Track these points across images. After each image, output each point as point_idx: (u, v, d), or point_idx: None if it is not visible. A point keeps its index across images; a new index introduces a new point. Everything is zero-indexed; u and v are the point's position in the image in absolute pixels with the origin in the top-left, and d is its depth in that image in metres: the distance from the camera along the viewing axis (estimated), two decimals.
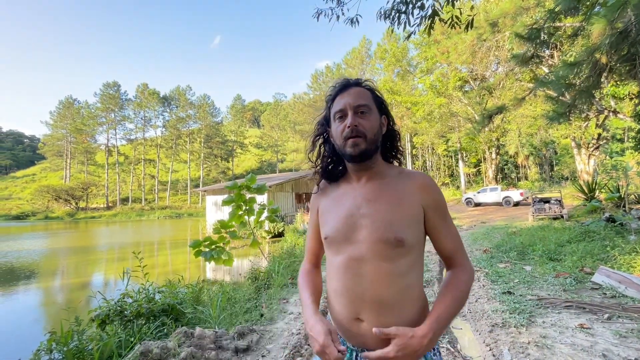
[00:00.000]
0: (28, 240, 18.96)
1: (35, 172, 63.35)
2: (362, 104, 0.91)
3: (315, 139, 1.06)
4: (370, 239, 0.86)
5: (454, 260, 0.94)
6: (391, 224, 0.86)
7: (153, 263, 11.24)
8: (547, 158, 32.32)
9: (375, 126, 0.92)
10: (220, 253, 4.73)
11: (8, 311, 6.65)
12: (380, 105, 0.98)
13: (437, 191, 0.93)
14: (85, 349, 2.44)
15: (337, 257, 0.91)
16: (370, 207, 0.90)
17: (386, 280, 0.84)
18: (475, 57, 17.38)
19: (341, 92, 0.95)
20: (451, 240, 0.93)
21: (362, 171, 0.96)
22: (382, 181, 0.95)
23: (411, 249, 0.87)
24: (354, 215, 0.90)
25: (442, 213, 0.93)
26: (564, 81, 4.72)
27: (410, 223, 0.88)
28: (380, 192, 0.92)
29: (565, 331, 2.77)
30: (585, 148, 17.24)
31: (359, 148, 0.89)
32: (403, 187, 0.92)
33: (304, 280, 1.06)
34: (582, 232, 7.02)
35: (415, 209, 0.89)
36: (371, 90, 0.97)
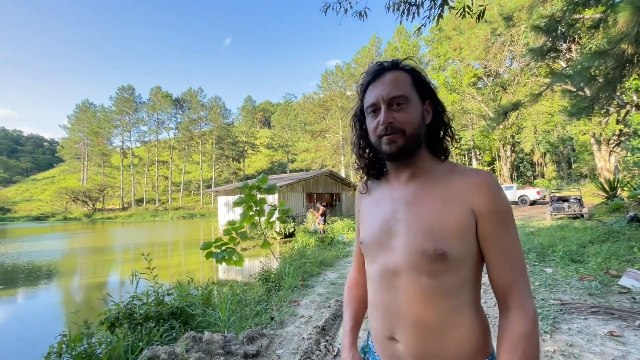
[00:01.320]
0: (49, 240, 19.53)
1: (54, 174, 65.47)
2: (397, 95, 0.76)
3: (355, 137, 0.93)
4: (405, 249, 0.74)
5: (509, 295, 0.71)
6: (431, 232, 0.71)
7: (167, 263, 11.37)
8: (564, 155, 31.37)
9: (415, 119, 0.77)
10: (231, 254, 4.71)
11: (31, 310, 6.83)
12: (424, 90, 0.81)
13: (496, 194, 0.73)
14: (94, 353, 2.41)
15: (373, 266, 0.82)
16: (408, 211, 0.77)
17: (426, 298, 0.71)
18: (488, 52, 16.98)
19: (374, 80, 0.80)
20: (510, 266, 0.71)
21: (403, 168, 0.82)
22: (427, 180, 0.80)
23: (459, 263, 0.71)
24: (390, 220, 0.79)
25: (501, 224, 0.72)
26: (586, 73, 4.49)
27: (458, 233, 0.71)
28: (423, 194, 0.78)
29: (593, 339, 2.60)
30: (605, 144, 16.60)
31: (396, 145, 0.76)
32: (452, 188, 0.75)
33: (348, 297, 0.98)
34: (605, 232, 6.72)
35: (465, 215, 0.72)
36: (411, 72, 0.81)
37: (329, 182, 21.67)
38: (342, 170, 39.59)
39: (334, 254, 7.59)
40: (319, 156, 43.74)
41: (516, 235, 0.73)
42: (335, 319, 3.51)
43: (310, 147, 46.83)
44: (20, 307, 7.05)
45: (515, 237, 0.73)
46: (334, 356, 2.70)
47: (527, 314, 0.69)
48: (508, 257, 0.72)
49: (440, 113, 0.84)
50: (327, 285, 4.93)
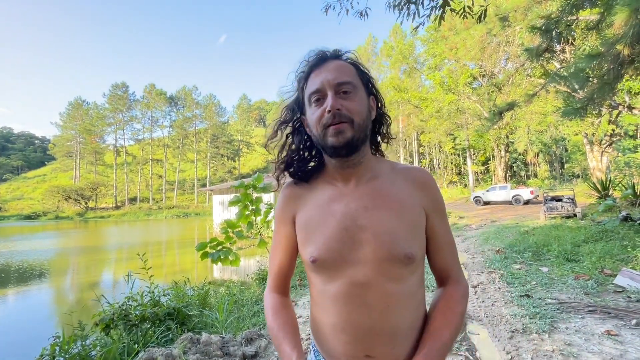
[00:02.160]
0: (40, 239, 19.23)
1: (45, 172, 64.48)
2: (344, 81, 0.71)
3: (280, 127, 0.83)
4: (375, 258, 0.68)
5: (450, 275, 0.78)
6: (398, 236, 0.69)
7: (161, 263, 11.27)
8: (557, 155, 31.73)
9: (363, 109, 0.72)
10: (227, 254, 4.66)
11: (23, 310, 6.71)
12: (367, 83, 0.77)
13: (437, 189, 0.77)
14: (88, 355, 2.36)
15: (333, 285, 0.71)
16: (369, 216, 0.71)
17: (398, 305, 0.69)
18: (484, 52, 17.08)
19: (316, 67, 0.74)
20: (449, 251, 0.77)
21: (350, 168, 0.75)
22: (376, 181, 0.76)
23: (419, 263, 0.73)
24: (350, 228, 0.70)
25: (441, 216, 0.77)
26: (582, 74, 4.52)
27: (417, 233, 0.72)
28: (379, 197, 0.73)
29: (591, 338, 2.61)
30: (597, 145, 16.81)
31: (344, 137, 0.69)
32: (402, 188, 0.74)
33: (278, 322, 0.77)
34: (599, 232, 6.80)
35: (418, 214, 0.73)
36: (355, 65, 0.76)
37: None
38: None
39: None
40: None
41: (448, 223, 0.80)
42: None
43: None
44: (12, 307, 6.92)
45: (448, 225, 0.79)
46: None
47: (462, 285, 0.77)
48: (448, 245, 0.78)
49: (382, 109, 0.82)
50: None
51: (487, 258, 5.94)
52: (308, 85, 0.75)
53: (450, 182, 34.63)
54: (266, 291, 0.87)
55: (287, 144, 0.83)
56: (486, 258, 5.95)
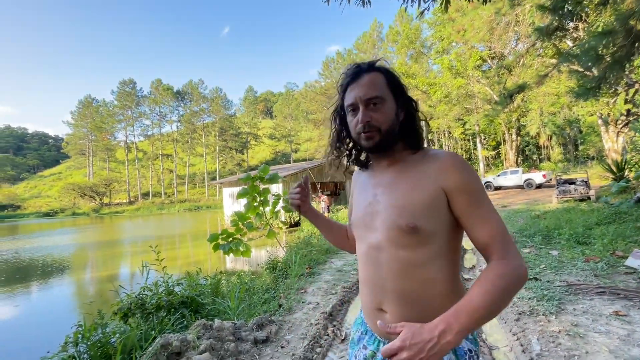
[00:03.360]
0: (60, 235, 19.91)
1: (60, 170, 66.17)
2: (373, 96, 0.85)
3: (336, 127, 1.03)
4: (384, 226, 0.84)
5: (492, 251, 0.76)
6: (403, 209, 0.81)
7: (175, 255, 11.57)
8: (571, 137, 30.89)
9: (389, 117, 0.87)
10: (238, 245, 4.77)
11: (48, 301, 7.04)
12: (397, 90, 0.90)
13: (463, 170, 0.80)
14: (108, 342, 2.49)
15: (360, 245, 0.93)
16: (385, 193, 0.88)
17: (405, 270, 0.81)
18: (493, 33, 16.58)
19: (352, 81, 0.89)
20: (487, 228, 0.77)
21: (382, 159, 0.94)
22: (402, 167, 0.89)
23: (431, 237, 0.79)
24: (372, 202, 0.90)
25: (473, 196, 0.79)
26: (593, 52, 4.37)
27: (427, 209, 0.79)
28: (398, 178, 0.88)
29: (598, 319, 2.62)
30: (613, 125, 16.29)
31: (374, 141, 0.86)
32: (423, 171, 0.84)
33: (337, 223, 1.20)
34: (612, 214, 6.67)
35: (433, 193, 0.80)
36: (386, 74, 0.90)
37: (332, 171, 21.61)
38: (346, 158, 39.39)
39: None
40: (323, 145, 43.35)
41: (490, 205, 0.80)
42: (342, 305, 3.57)
43: (313, 136, 46.64)
44: (38, 298, 7.26)
45: (490, 206, 0.79)
46: (341, 340, 2.76)
47: (509, 263, 0.72)
48: (485, 222, 0.77)
49: (413, 110, 0.92)
50: (334, 273, 4.99)
51: None
52: (346, 98, 0.91)
53: None
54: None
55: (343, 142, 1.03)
56: None
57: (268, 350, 2.62)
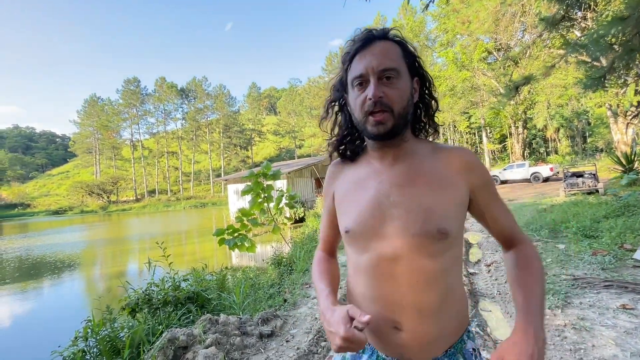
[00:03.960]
0: (70, 233, 20.26)
1: (68, 169, 67.08)
2: (389, 67, 0.70)
3: (329, 105, 0.86)
4: (406, 233, 0.69)
5: (513, 237, 0.79)
6: (432, 212, 0.69)
7: (182, 251, 11.71)
8: (579, 130, 30.43)
9: (405, 96, 0.72)
10: (243, 240, 4.81)
11: (59, 297, 7.19)
12: (413, 64, 0.76)
13: (483, 167, 0.78)
14: (117, 336, 2.54)
15: (363, 256, 0.75)
16: (403, 193, 0.72)
17: (428, 281, 0.70)
18: (498, 25, 16.31)
19: (362, 48, 0.73)
20: (509, 218, 0.80)
21: (387, 149, 0.77)
22: (414, 161, 0.76)
23: (455, 241, 0.72)
24: (383, 204, 0.73)
25: (493, 191, 0.78)
26: (603, 42, 4.27)
27: (456, 210, 0.72)
28: (415, 175, 0.74)
29: (605, 312, 2.60)
30: (622, 116, 15.99)
31: (385, 127, 0.71)
32: (442, 166, 0.75)
33: (320, 269, 0.87)
34: (621, 207, 6.57)
35: (461, 193, 0.73)
36: (401, 44, 0.75)
37: None
38: None
39: None
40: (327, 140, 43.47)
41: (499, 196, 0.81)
42: (346, 299, 3.59)
43: (318, 132, 46.56)
44: (50, 294, 7.42)
45: (500, 198, 0.80)
46: None
47: (530, 243, 0.79)
48: (505, 214, 0.79)
49: (429, 91, 0.80)
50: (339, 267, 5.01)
51: None
52: (352, 68, 0.74)
53: None
54: (317, 249, 0.97)
55: (338, 123, 0.87)
56: None
57: (273, 344, 2.64)
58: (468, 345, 0.77)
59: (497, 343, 2.41)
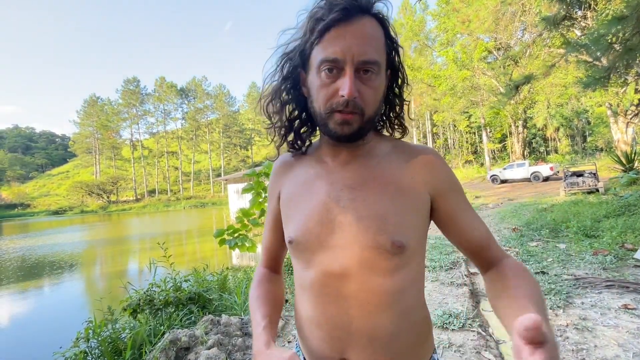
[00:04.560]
0: (71, 233, 20.27)
1: (68, 169, 67.07)
2: (371, 59, 0.56)
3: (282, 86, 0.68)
4: (356, 245, 0.59)
5: (491, 252, 0.65)
6: (385, 220, 0.59)
7: (182, 251, 11.71)
8: (579, 129, 30.43)
9: (378, 96, 0.61)
10: (244, 240, 4.81)
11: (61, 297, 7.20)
12: (391, 54, 0.64)
13: (447, 169, 0.66)
14: (119, 337, 2.54)
15: (309, 271, 0.63)
16: (354, 197, 0.61)
17: (380, 303, 0.59)
18: (498, 24, 16.30)
19: (341, 22, 0.56)
20: (482, 229, 0.66)
21: (342, 147, 0.66)
22: (371, 160, 0.66)
23: (414, 255, 0.62)
24: (331, 210, 0.61)
25: (460, 196, 0.66)
26: (604, 41, 4.27)
27: (413, 219, 0.61)
28: (369, 176, 0.63)
29: (607, 312, 2.60)
30: (622, 116, 15.99)
31: (351, 128, 0.59)
32: (400, 168, 0.64)
33: (257, 293, 0.71)
34: (621, 206, 6.58)
35: (420, 199, 0.63)
36: (385, 27, 0.61)
37: None
38: None
39: None
40: None
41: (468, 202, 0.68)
42: None
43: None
44: (52, 294, 7.42)
45: (469, 204, 0.68)
46: None
47: (516, 260, 0.63)
48: (477, 225, 0.65)
49: (397, 86, 0.69)
50: None
51: (502, 237, 5.88)
52: (323, 44, 0.57)
53: (466, 161, 33.94)
54: (257, 266, 0.82)
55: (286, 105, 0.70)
56: (502, 237, 5.89)
57: None
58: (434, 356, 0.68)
59: (499, 343, 2.41)
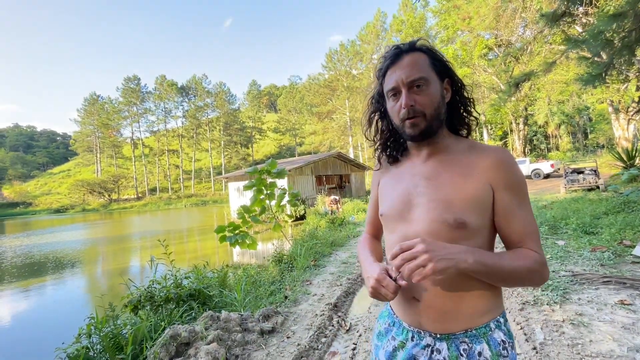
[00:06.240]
0: (73, 231, 20.33)
1: (69, 167, 67.12)
2: (416, 78, 0.79)
3: (371, 116, 0.98)
4: (426, 218, 0.80)
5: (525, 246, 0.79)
6: (451, 204, 0.78)
7: (183, 249, 11.76)
8: (580, 126, 30.34)
9: (435, 100, 0.81)
10: (244, 237, 4.83)
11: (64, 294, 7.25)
12: (442, 68, 0.85)
13: (513, 170, 0.80)
14: (120, 333, 2.57)
15: (392, 236, 0.89)
16: (428, 185, 0.83)
17: None
18: (499, 21, 16.21)
19: (392, 64, 0.84)
20: (526, 226, 0.79)
21: (423, 147, 0.88)
22: (446, 157, 0.85)
23: (476, 233, 0.78)
24: (411, 193, 0.85)
25: (517, 196, 0.79)
26: (602, 38, 4.26)
27: (476, 205, 0.78)
28: (442, 170, 0.83)
29: (603, 308, 2.62)
30: (624, 112, 15.94)
31: (419, 128, 0.81)
32: (470, 164, 0.81)
33: (364, 244, 1.02)
34: (621, 203, 6.59)
35: (482, 189, 0.78)
36: (428, 53, 0.85)
37: (337, 164, 21.63)
38: (351, 151, 39.33)
39: (344, 234, 7.69)
40: (327, 138, 43.43)
41: (530, 208, 0.81)
42: (347, 296, 3.61)
43: (318, 130, 46.49)
44: (53, 291, 7.47)
45: (530, 209, 0.80)
46: (346, 331, 2.80)
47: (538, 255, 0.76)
48: (523, 220, 0.79)
49: (459, 90, 0.88)
50: (339, 265, 5.03)
51: None
52: (386, 82, 0.85)
53: None
54: (363, 232, 1.11)
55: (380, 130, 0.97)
56: None
57: (274, 340, 2.67)
58: (496, 335, 0.79)
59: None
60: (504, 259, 0.73)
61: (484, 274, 0.72)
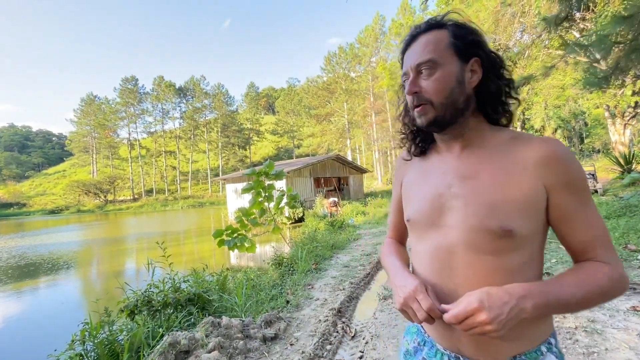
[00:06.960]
0: (68, 232, 20.05)
1: (65, 168, 66.56)
2: (423, 60, 0.69)
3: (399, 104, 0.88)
4: (463, 226, 0.67)
5: (594, 255, 0.66)
6: (494, 208, 0.65)
7: (180, 251, 11.59)
8: (576, 130, 30.56)
9: (445, 85, 0.68)
10: (243, 241, 4.73)
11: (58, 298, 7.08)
12: (466, 47, 0.70)
13: (569, 165, 0.65)
14: (116, 340, 2.46)
15: (421, 245, 0.76)
16: (465, 185, 0.70)
17: (487, 278, 0.65)
18: (498, 25, 16.28)
19: (408, 47, 0.74)
20: (592, 232, 0.66)
21: (451, 140, 0.75)
22: (484, 151, 0.72)
23: (525, 242, 0.65)
24: (444, 195, 0.72)
25: (578, 195, 0.65)
26: (607, 41, 4.24)
27: (525, 209, 0.64)
28: (481, 166, 0.70)
29: (616, 314, 2.55)
30: (620, 117, 16.05)
31: (427, 118, 0.70)
32: (516, 159, 0.67)
33: (389, 250, 0.89)
34: (622, 207, 6.56)
35: (533, 189, 0.65)
36: (451, 29, 0.71)
37: (336, 166, 21.59)
38: (349, 153, 39.35)
39: (344, 237, 7.61)
40: (325, 140, 43.42)
41: (594, 206, 0.67)
42: (350, 301, 3.52)
43: (316, 132, 46.45)
44: (46, 294, 7.30)
45: (594, 208, 0.67)
46: (351, 337, 2.71)
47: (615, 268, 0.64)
48: (589, 225, 0.66)
49: (494, 70, 0.72)
50: (340, 268, 4.94)
51: None
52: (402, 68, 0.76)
53: None
54: (386, 237, 0.99)
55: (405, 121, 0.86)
56: None
57: (277, 347, 2.57)
58: (548, 359, 0.68)
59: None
60: (568, 288, 0.61)
61: (545, 314, 0.61)
